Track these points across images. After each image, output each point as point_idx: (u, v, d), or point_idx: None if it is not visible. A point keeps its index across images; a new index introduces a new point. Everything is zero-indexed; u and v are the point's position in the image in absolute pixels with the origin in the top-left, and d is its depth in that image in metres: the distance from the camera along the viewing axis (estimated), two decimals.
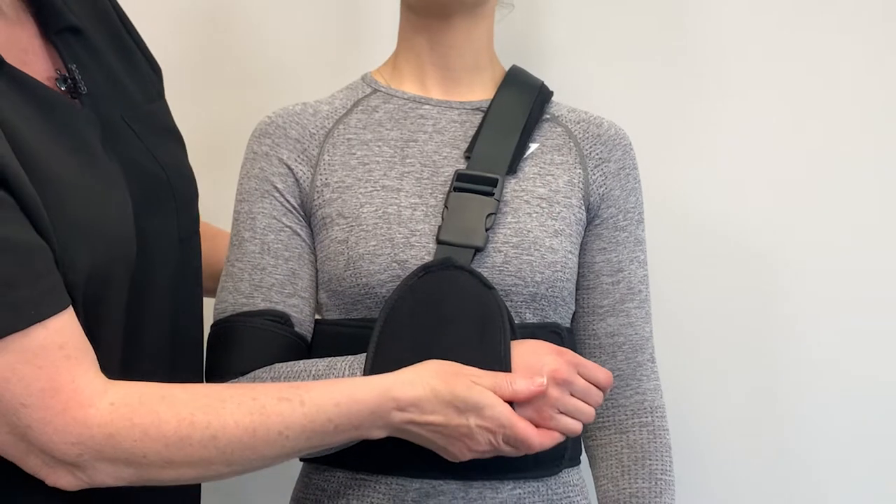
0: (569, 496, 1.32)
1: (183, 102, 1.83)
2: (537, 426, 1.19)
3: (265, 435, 1.10)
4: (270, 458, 1.13)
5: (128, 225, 1.14)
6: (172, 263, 1.24)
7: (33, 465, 1.05)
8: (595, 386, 1.23)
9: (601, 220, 1.36)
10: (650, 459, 1.34)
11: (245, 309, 1.29)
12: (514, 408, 1.17)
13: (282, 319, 1.29)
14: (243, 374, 1.26)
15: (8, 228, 1.01)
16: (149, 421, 1.06)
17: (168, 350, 1.23)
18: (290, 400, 1.12)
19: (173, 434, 1.06)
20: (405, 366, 1.19)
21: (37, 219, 1.04)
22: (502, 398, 1.16)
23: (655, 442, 1.35)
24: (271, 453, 1.12)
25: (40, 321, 1.02)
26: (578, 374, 1.22)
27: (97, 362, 1.07)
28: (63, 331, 1.04)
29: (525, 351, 1.21)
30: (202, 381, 1.29)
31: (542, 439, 1.17)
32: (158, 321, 1.22)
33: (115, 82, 1.26)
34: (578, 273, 1.36)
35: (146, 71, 1.34)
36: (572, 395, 1.21)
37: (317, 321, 1.33)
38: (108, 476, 1.06)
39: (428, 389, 1.14)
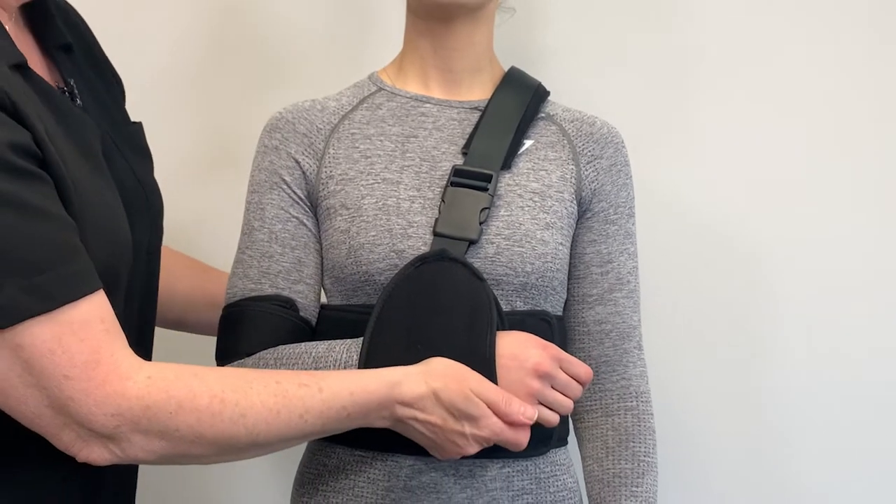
0: (556, 474, 1.35)
1: (194, 104, 1.83)
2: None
3: (287, 417, 1.13)
4: (288, 439, 1.16)
5: (127, 231, 1.17)
6: (143, 273, 1.26)
7: (67, 439, 1.06)
8: (575, 380, 1.26)
9: (592, 213, 1.38)
10: (634, 442, 1.36)
11: (253, 294, 1.32)
12: None
13: (288, 304, 1.31)
14: (249, 355, 1.29)
15: (56, 206, 1.04)
16: (184, 395, 1.07)
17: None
18: (309, 386, 1.15)
19: (206, 409, 1.08)
20: (398, 350, 1.23)
21: (67, 204, 1.06)
22: (495, 413, 1.19)
23: (640, 425, 1.37)
24: (290, 435, 1.15)
25: (88, 294, 1.03)
26: (560, 368, 1.25)
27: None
28: (103, 306, 1.06)
29: (511, 342, 1.24)
30: None
31: (526, 439, 1.22)
32: (131, 327, 1.23)
33: (99, 100, 1.28)
34: (570, 263, 1.38)
35: (118, 93, 1.37)
36: (553, 387, 1.24)
37: (321, 306, 1.36)
38: (140, 449, 1.07)
39: (430, 390, 1.18)
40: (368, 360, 1.23)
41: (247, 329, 1.31)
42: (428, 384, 1.18)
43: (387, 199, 1.31)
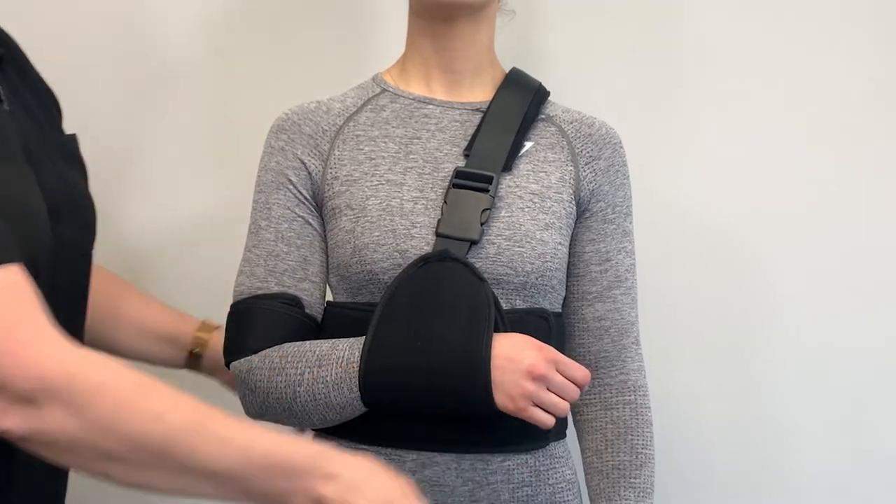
0: (554, 467, 1.36)
1: (202, 105, 1.83)
2: (513, 414, 1.24)
3: (205, 440, 1.01)
4: (195, 469, 1.02)
5: (46, 222, 1.12)
6: (72, 274, 1.23)
7: None
8: (572, 382, 1.26)
9: (591, 213, 1.39)
10: (632, 435, 1.37)
11: (260, 292, 1.33)
12: (492, 391, 1.22)
13: (293, 302, 1.33)
14: (255, 351, 1.31)
15: None
16: (108, 376, 1.00)
17: None
18: (234, 431, 1.03)
19: (127, 398, 1.00)
20: (399, 348, 1.24)
21: None
22: None
23: (637, 418, 1.38)
24: (199, 464, 1.02)
25: (9, 262, 0.99)
26: (557, 370, 1.25)
27: None
28: (27, 279, 1.01)
29: (507, 344, 1.25)
30: None
31: None
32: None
33: (29, 111, 1.25)
34: (569, 262, 1.39)
35: (50, 106, 1.34)
36: (550, 388, 1.24)
37: (328, 303, 1.37)
38: (55, 422, 0.98)
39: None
40: (370, 358, 1.25)
41: (253, 326, 1.32)
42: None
43: (391, 200, 1.33)
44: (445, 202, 1.32)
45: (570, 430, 1.43)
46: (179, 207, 1.85)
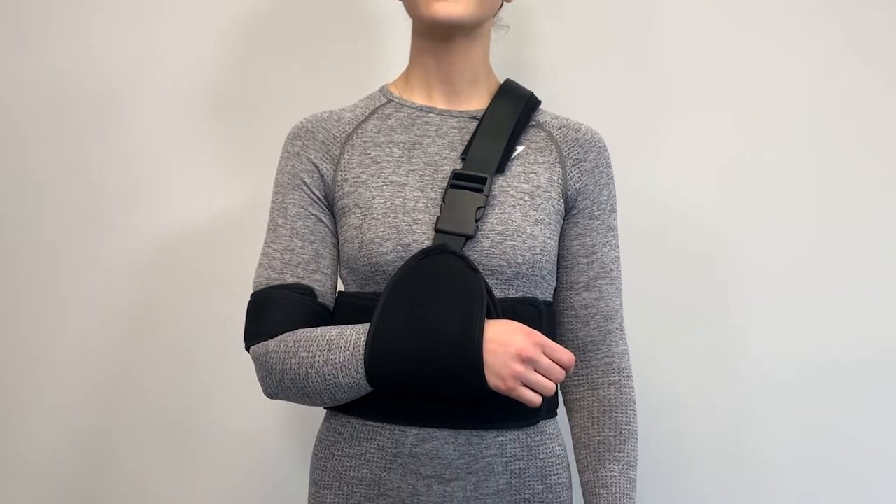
0: (545, 443, 1.40)
1: (223, 123, 1.87)
2: (504, 393, 1.28)
3: None
4: None
5: None
6: None
7: None
8: (559, 365, 1.29)
9: (578, 210, 1.44)
10: (616, 412, 1.42)
11: (276, 283, 1.39)
12: (484, 372, 1.26)
13: (307, 292, 1.38)
14: (271, 337, 1.36)
15: None
16: None
17: None
18: None
19: None
20: (400, 333, 1.28)
21: None
22: None
23: (621, 398, 1.43)
24: None
25: None
26: (544, 353, 1.28)
27: None
28: None
29: (498, 329, 1.28)
30: None
31: None
32: None
33: None
34: (559, 255, 1.44)
35: None
36: (537, 370, 1.27)
37: (339, 293, 1.42)
38: None
39: None
40: (374, 343, 1.30)
41: (270, 314, 1.37)
42: None
43: (394, 200, 1.38)
44: (444, 201, 1.37)
45: (562, 410, 1.47)
46: (197, 210, 1.89)
